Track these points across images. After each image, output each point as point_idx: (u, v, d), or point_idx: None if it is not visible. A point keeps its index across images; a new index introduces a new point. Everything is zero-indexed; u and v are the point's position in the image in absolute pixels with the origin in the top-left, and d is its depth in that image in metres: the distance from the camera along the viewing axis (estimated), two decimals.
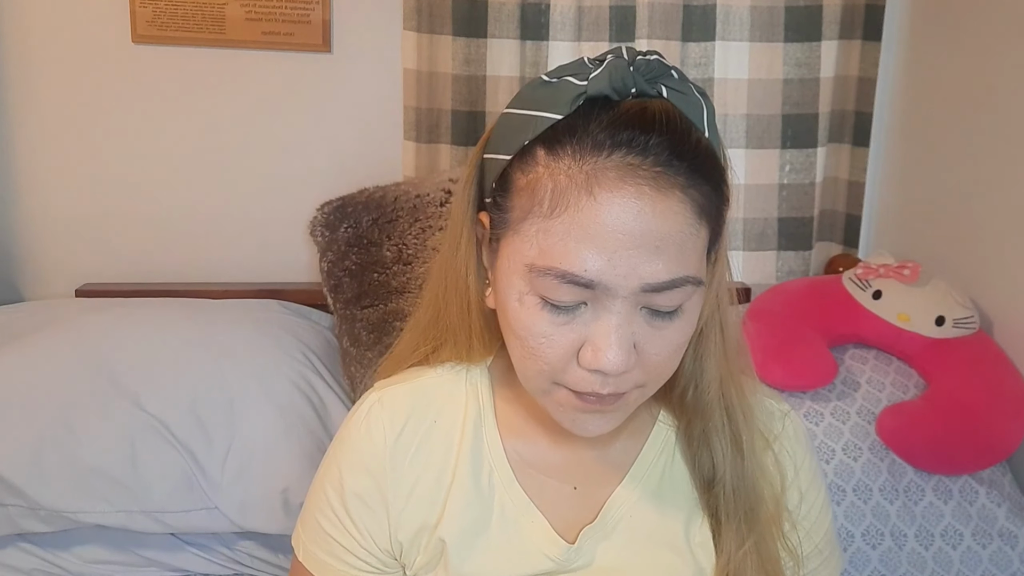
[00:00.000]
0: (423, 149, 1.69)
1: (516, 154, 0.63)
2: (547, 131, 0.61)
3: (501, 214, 0.64)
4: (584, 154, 0.59)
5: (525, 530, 0.72)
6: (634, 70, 0.61)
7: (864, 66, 1.73)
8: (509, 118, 0.65)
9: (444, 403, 0.75)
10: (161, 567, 1.30)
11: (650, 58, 0.62)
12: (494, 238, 0.66)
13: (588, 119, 0.60)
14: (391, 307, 1.43)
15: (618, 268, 0.58)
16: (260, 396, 1.30)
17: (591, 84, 0.61)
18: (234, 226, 1.74)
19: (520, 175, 0.63)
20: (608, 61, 0.62)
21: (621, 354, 0.60)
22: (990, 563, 1.25)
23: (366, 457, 0.73)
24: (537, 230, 0.60)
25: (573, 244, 0.58)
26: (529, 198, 0.61)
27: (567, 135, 0.60)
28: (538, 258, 0.60)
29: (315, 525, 0.75)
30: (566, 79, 0.62)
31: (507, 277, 0.64)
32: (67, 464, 1.20)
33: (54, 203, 1.68)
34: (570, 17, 1.66)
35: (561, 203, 0.59)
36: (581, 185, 0.59)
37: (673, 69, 0.63)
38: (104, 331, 1.35)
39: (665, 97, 0.61)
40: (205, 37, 1.64)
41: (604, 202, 0.58)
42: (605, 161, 0.59)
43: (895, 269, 1.46)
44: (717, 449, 0.72)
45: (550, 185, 0.60)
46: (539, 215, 0.60)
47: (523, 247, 0.61)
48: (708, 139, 0.62)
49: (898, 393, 1.39)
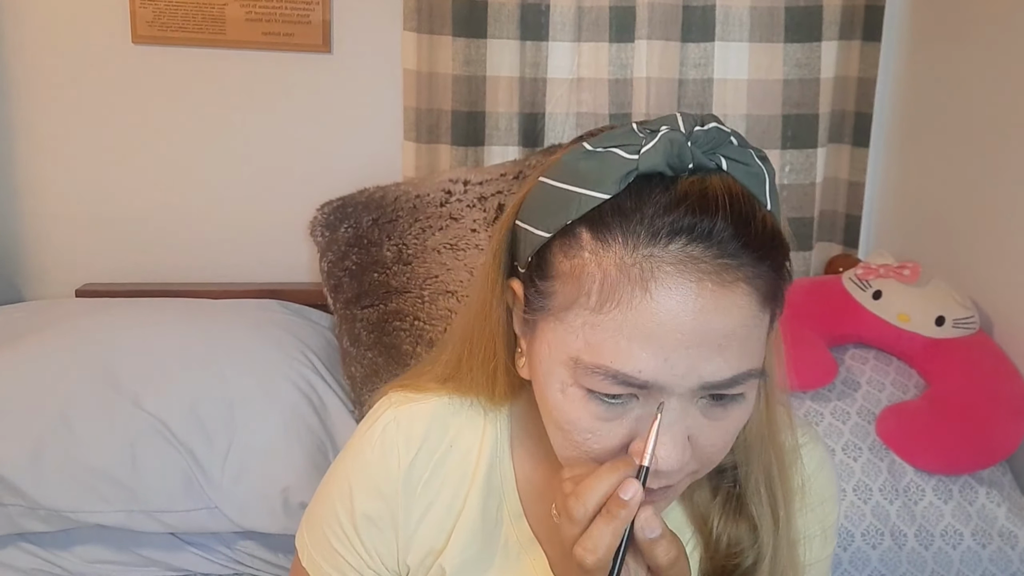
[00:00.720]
0: (423, 149, 1.69)
1: (556, 233, 0.57)
2: (592, 211, 0.55)
3: (540, 297, 0.59)
4: (637, 243, 0.53)
5: (526, 567, 0.71)
6: (692, 143, 0.55)
7: (864, 66, 1.73)
8: (547, 189, 0.59)
9: (462, 428, 0.72)
10: (161, 567, 1.29)
11: (708, 127, 0.56)
12: (530, 316, 0.61)
13: (640, 200, 0.54)
14: (391, 307, 1.43)
15: (676, 368, 0.54)
16: (260, 396, 1.30)
17: (643, 159, 0.55)
18: (234, 226, 1.74)
19: (562, 258, 0.57)
20: (663, 133, 0.55)
21: (677, 452, 0.55)
22: (990, 563, 1.25)
23: (379, 480, 0.71)
24: (583, 323, 0.55)
25: (626, 343, 0.53)
26: (574, 287, 0.56)
27: (616, 218, 0.54)
28: (585, 352, 0.55)
29: (322, 537, 0.74)
30: (613, 151, 0.56)
31: (548, 364, 0.59)
32: (67, 464, 1.20)
33: (54, 203, 1.69)
34: (570, 17, 1.67)
35: (612, 298, 0.54)
36: (635, 280, 0.53)
37: (733, 135, 0.57)
38: (104, 331, 1.36)
39: (725, 170, 0.56)
40: (205, 37, 1.64)
41: (662, 299, 0.53)
42: (662, 252, 0.53)
43: (895, 269, 1.46)
44: (757, 517, 0.68)
45: (599, 276, 0.54)
46: (586, 307, 0.55)
47: (567, 338, 0.56)
48: (773, 215, 0.57)
49: (898, 393, 1.39)
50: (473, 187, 1.51)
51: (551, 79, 1.70)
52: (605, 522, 0.56)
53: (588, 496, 0.56)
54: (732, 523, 0.69)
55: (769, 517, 0.68)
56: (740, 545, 0.68)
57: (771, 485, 0.68)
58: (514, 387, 0.69)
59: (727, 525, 0.69)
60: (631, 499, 0.55)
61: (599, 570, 0.56)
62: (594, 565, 0.56)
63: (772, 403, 0.67)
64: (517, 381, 0.68)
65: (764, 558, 0.67)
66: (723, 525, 0.69)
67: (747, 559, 0.68)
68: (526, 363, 0.64)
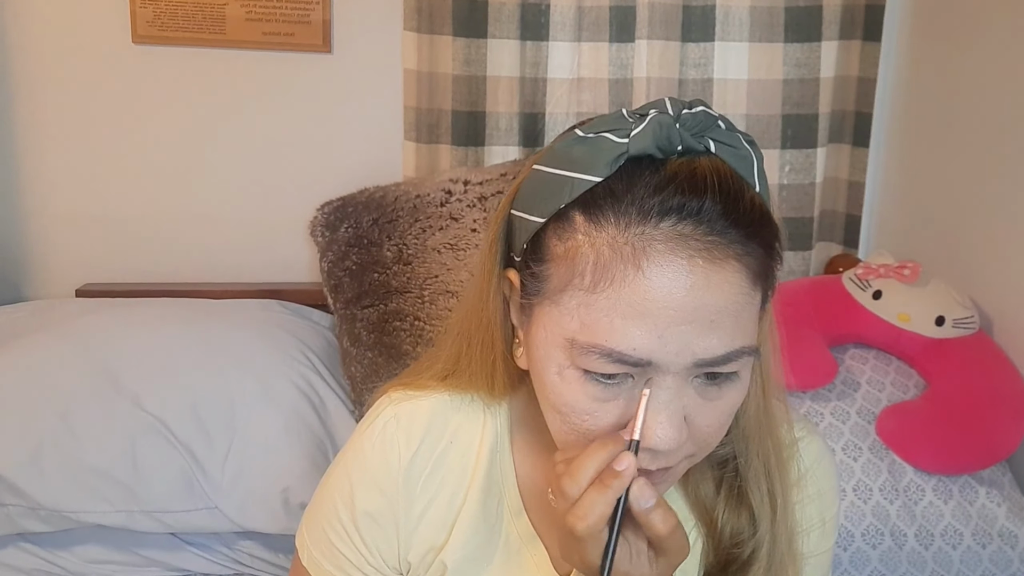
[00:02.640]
0: (423, 149, 1.69)
1: (551, 218, 0.58)
2: (585, 194, 0.56)
3: (535, 281, 0.60)
4: (629, 223, 0.54)
5: (527, 562, 0.71)
6: (680, 126, 0.56)
7: (864, 66, 1.73)
8: (541, 176, 0.60)
9: (462, 423, 0.72)
10: (161, 567, 1.29)
11: (696, 110, 0.57)
12: (527, 302, 0.62)
13: (631, 182, 0.55)
14: (391, 307, 1.43)
15: (670, 345, 0.54)
16: (260, 396, 1.30)
17: (633, 142, 0.56)
18: (234, 226, 1.74)
19: (556, 241, 0.58)
20: (652, 116, 0.56)
21: (672, 431, 0.56)
22: (990, 563, 1.25)
23: (380, 477, 0.71)
24: (578, 304, 0.56)
25: (620, 321, 0.54)
26: (568, 268, 0.57)
27: (608, 200, 0.55)
28: (580, 333, 0.56)
29: (322, 535, 0.74)
30: (604, 135, 0.57)
31: (544, 348, 0.59)
32: (67, 464, 1.20)
33: (54, 203, 1.69)
34: (570, 17, 1.67)
35: (605, 277, 0.55)
36: (627, 258, 0.54)
37: (720, 119, 0.58)
38: (105, 331, 1.36)
39: (714, 152, 0.57)
40: (205, 37, 1.64)
41: (654, 276, 0.54)
42: (653, 231, 0.54)
43: (895, 269, 1.46)
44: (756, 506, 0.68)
45: (592, 256, 0.55)
46: (580, 288, 0.56)
47: (563, 320, 0.57)
48: (761, 196, 0.58)
49: (898, 393, 1.39)
50: (473, 187, 1.51)
51: (551, 79, 1.70)
52: (598, 491, 0.56)
53: (581, 473, 0.56)
54: (735, 514, 0.69)
55: (767, 507, 0.68)
56: (741, 535, 0.69)
57: (769, 476, 0.69)
58: (513, 380, 0.70)
59: (730, 516, 0.69)
60: (624, 470, 0.56)
61: (590, 537, 0.56)
62: (584, 532, 0.55)
63: (768, 394, 0.68)
64: (516, 374, 0.68)
65: (762, 547, 0.68)
66: (727, 516, 0.69)
67: (747, 549, 0.68)
68: (524, 352, 0.65)
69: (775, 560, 0.68)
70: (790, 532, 0.69)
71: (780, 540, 0.69)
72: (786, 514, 0.69)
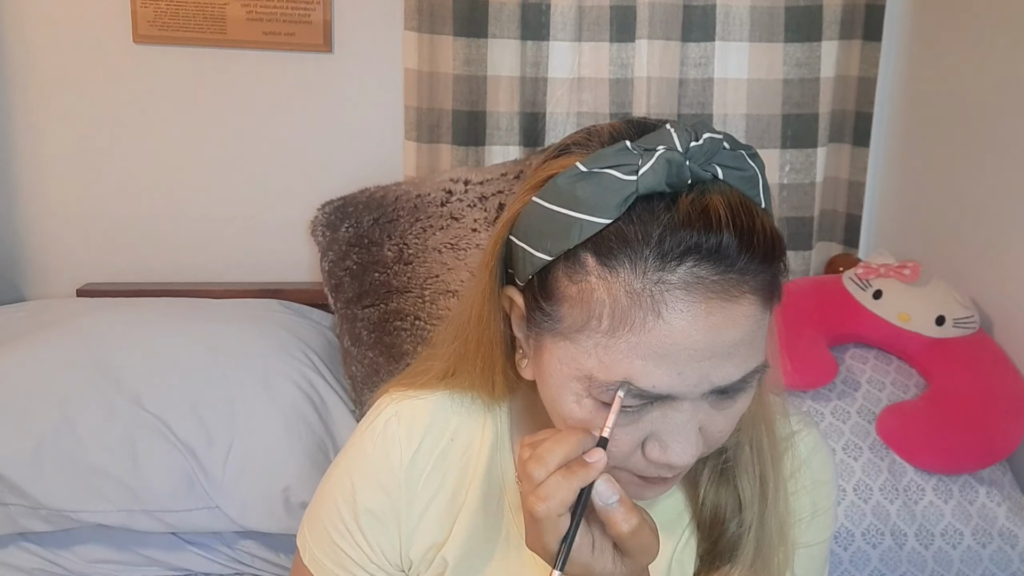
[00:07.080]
0: (424, 149, 1.69)
1: (559, 256, 0.58)
2: (595, 236, 0.55)
3: (547, 319, 0.59)
4: (646, 269, 0.54)
5: (527, 559, 0.71)
6: (689, 160, 0.55)
7: (864, 66, 1.73)
8: (543, 212, 0.58)
9: (463, 422, 0.73)
10: (162, 566, 1.30)
11: (702, 141, 0.56)
12: (535, 331, 0.61)
13: (644, 226, 0.54)
14: (392, 307, 1.43)
15: (689, 379, 0.55)
16: (261, 395, 1.30)
17: (642, 180, 0.54)
18: (235, 226, 1.74)
19: (567, 282, 0.57)
20: (660, 153, 0.55)
21: (690, 449, 0.58)
22: (990, 563, 1.26)
23: (381, 474, 0.72)
24: (595, 344, 0.56)
25: (640, 362, 0.55)
26: (583, 311, 0.56)
27: (620, 243, 0.54)
28: (599, 371, 0.56)
29: (324, 534, 0.74)
30: (609, 173, 0.55)
31: (560, 378, 0.60)
32: (68, 463, 1.20)
33: (55, 203, 1.69)
34: (570, 17, 1.67)
35: (624, 323, 0.55)
36: (647, 306, 0.54)
37: (725, 139, 0.57)
38: (105, 331, 1.36)
39: (721, 179, 0.56)
40: (206, 37, 1.64)
41: (674, 321, 0.54)
42: (670, 276, 0.54)
43: (895, 269, 1.46)
44: (745, 488, 0.70)
45: (608, 301, 0.55)
46: (597, 331, 0.56)
47: (579, 356, 0.57)
48: (770, 216, 0.58)
49: (898, 393, 1.39)
50: (474, 187, 1.51)
51: (552, 79, 1.70)
52: (563, 476, 0.56)
53: (548, 458, 0.57)
54: (715, 488, 0.71)
55: (757, 488, 0.69)
56: (723, 512, 0.70)
57: (761, 459, 0.70)
58: (512, 384, 0.70)
59: (711, 491, 0.71)
60: (594, 463, 0.56)
61: (548, 520, 0.56)
62: (543, 514, 0.55)
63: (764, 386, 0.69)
64: (515, 378, 0.69)
65: (750, 531, 0.69)
66: (709, 490, 0.71)
67: (730, 527, 0.69)
68: (529, 365, 0.65)
69: (763, 544, 0.69)
70: (781, 518, 0.70)
71: (770, 525, 0.69)
72: (778, 500, 0.70)
